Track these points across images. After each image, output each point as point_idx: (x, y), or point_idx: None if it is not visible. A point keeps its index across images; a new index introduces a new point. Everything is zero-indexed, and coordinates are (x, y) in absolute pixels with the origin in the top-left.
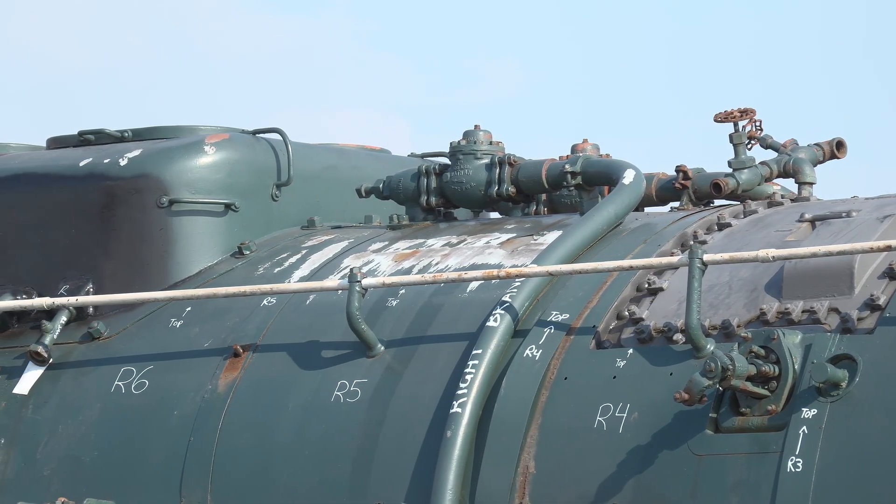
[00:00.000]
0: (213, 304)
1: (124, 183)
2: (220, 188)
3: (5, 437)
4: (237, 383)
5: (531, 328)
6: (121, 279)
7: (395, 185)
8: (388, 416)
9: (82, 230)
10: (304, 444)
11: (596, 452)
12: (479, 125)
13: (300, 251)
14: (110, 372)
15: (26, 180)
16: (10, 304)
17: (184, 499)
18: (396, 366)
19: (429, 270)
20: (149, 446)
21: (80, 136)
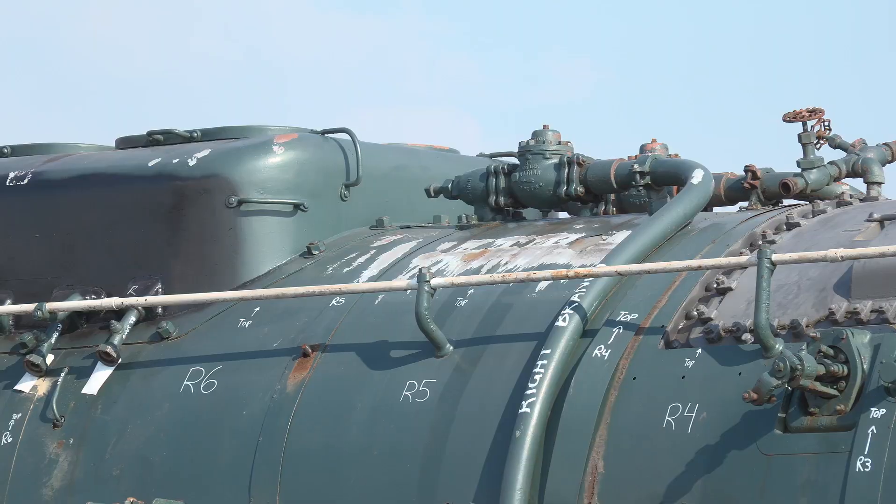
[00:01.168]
0: (282, 304)
1: (193, 183)
2: (288, 188)
3: (74, 437)
4: (306, 383)
5: (600, 328)
6: (189, 279)
7: (463, 185)
8: (456, 416)
9: (151, 230)
10: (373, 444)
11: (664, 452)
12: (547, 125)
13: (369, 251)
14: (179, 372)
15: (95, 180)
16: (80, 305)
17: (253, 499)
18: (465, 366)
19: (497, 270)
20: (218, 446)
21: (149, 136)
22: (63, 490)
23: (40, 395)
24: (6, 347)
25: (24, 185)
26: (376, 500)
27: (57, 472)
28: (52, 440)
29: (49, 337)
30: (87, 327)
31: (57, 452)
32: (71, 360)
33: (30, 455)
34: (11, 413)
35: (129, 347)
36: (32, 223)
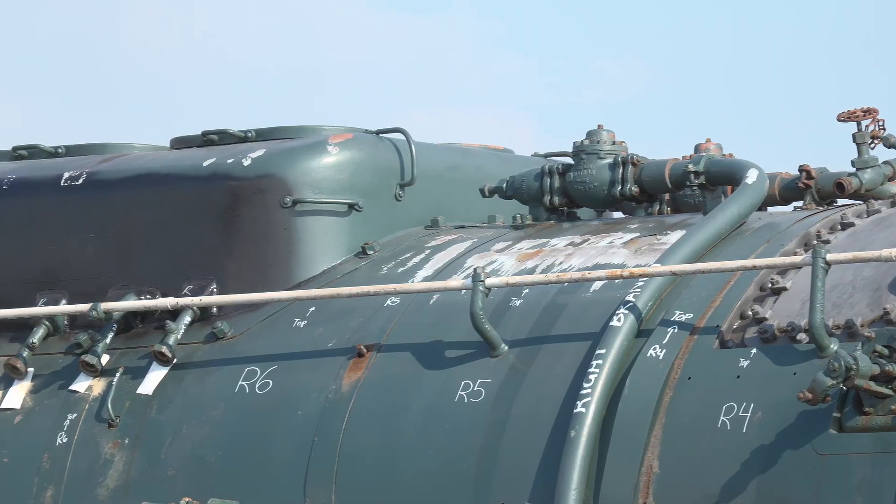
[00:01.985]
0: (336, 304)
1: (248, 183)
2: (343, 188)
3: (130, 437)
4: (361, 383)
5: (655, 328)
6: (244, 279)
7: (518, 185)
8: (511, 415)
9: (206, 230)
10: (428, 443)
11: (719, 452)
12: (602, 125)
13: (424, 251)
14: (234, 372)
15: (150, 180)
16: (135, 305)
17: (308, 498)
18: (520, 365)
19: (552, 270)
20: (273, 446)
21: (203, 136)
22: (118, 490)
23: (95, 396)
24: (61, 347)
25: (78, 185)
26: (431, 500)
27: (112, 472)
28: (107, 440)
29: (104, 337)
30: (142, 327)
31: (112, 452)
32: (126, 361)
33: (85, 455)
34: (67, 413)
35: (184, 347)
36: (87, 223)
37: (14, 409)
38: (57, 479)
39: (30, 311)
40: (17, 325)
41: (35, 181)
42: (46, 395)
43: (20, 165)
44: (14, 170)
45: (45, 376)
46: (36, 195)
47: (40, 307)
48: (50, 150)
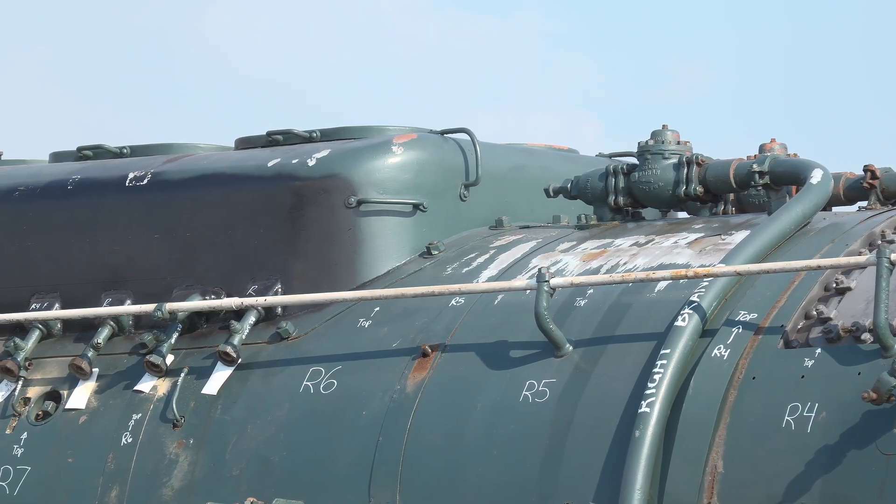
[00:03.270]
0: (401, 304)
1: (313, 183)
2: (408, 188)
3: (194, 437)
4: (426, 383)
5: (719, 328)
6: (309, 279)
7: (583, 185)
8: (576, 415)
9: (271, 230)
10: (493, 443)
11: (784, 452)
12: (666, 125)
13: (488, 251)
14: (299, 372)
15: (215, 180)
16: (200, 305)
17: (373, 499)
18: (585, 365)
19: (617, 270)
20: (338, 446)
21: (268, 136)
22: (183, 490)
23: (160, 396)
24: (126, 348)
25: (143, 185)
26: (496, 500)
27: (177, 472)
28: (171, 440)
29: (169, 337)
30: (206, 327)
31: (177, 453)
32: (191, 361)
33: (150, 455)
34: (131, 413)
35: (249, 347)
36: (152, 223)
37: (79, 409)
38: (121, 480)
39: (95, 311)
40: (83, 325)
41: (100, 181)
42: (111, 395)
43: (85, 166)
44: (79, 170)
45: (110, 376)
46: (101, 196)
47: (105, 307)
48: (115, 150)
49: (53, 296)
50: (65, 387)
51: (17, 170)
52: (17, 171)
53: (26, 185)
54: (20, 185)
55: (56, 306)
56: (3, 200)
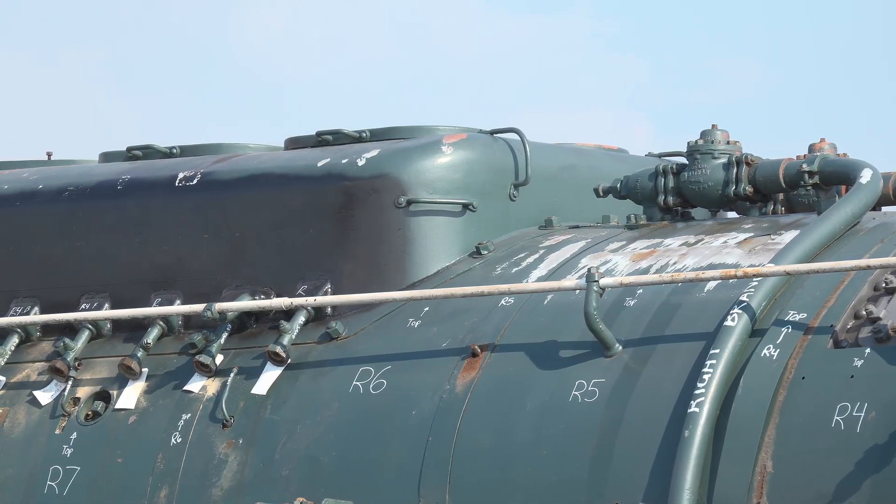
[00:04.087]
0: (451, 304)
1: (362, 183)
2: (457, 188)
3: (244, 437)
4: (475, 383)
5: (768, 328)
6: (359, 279)
7: (632, 185)
8: (625, 415)
9: (320, 230)
10: (542, 443)
11: (833, 452)
12: (716, 125)
13: (538, 251)
14: (348, 372)
15: (264, 181)
16: (249, 305)
17: (422, 499)
18: (634, 365)
19: (666, 270)
20: (387, 446)
21: (318, 136)
22: (232, 490)
23: (209, 396)
24: (176, 348)
25: (193, 185)
26: (545, 499)
27: (226, 472)
28: (221, 440)
29: (218, 337)
30: (256, 327)
31: (226, 452)
32: (240, 361)
33: (199, 455)
34: (181, 413)
35: (299, 347)
36: (201, 223)
37: (128, 409)
38: (171, 480)
39: (144, 311)
40: (132, 325)
41: (150, 181)
42: (161, 395)
43: (135, 166)
44: (129, 170)
45: (160, 376)
46: (151, 196)
47: (155, 307)
48: (164, 150)
49: (103, 296)
50: (114, 387)
51: (67, 170)
52: (67, 171)
53: (76, 185)
54: (70, 185)
55: (106, 306)
56: (53, 200)
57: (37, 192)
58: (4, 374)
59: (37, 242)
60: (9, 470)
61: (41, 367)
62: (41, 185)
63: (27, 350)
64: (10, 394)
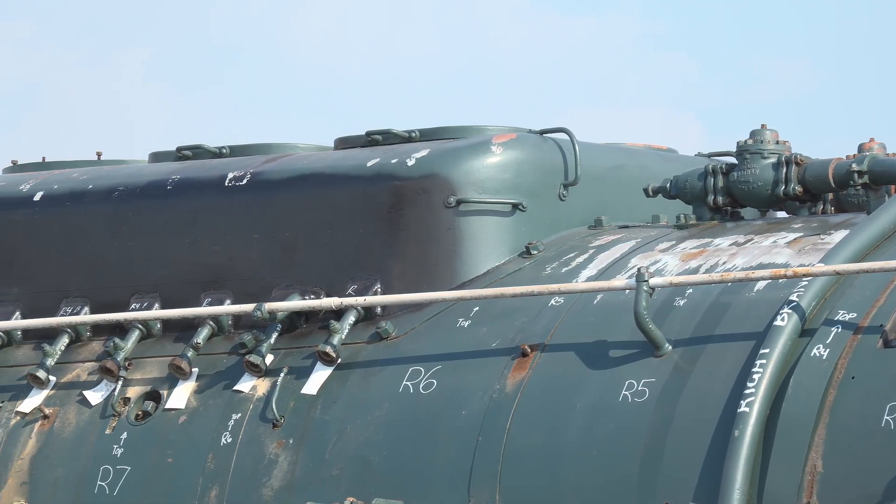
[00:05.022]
0: (500, 303)
1: (412, 183)
2: (507, 188)
3: (294, 437)
4: (525, 383)
5: (818, 327)
6: (408, 279)
7: (681, 185)
8: (675, 415)
9: (370, 230)
10: (592, 443)
11: (883, 452)
12: (765, 124)
13: (587, 251)
14: (398, 372)
15: (314, 180)
16: (299, 305)
17: (472, 499)
18: (684, 365)
19: (716, 270)
20: (437, 446)
21: (367, 136)
22: (283, 490)
23: (260, 396)
24: (226, 347)
25: (242, 185)
26: (595, 499)
27: (277, 472)
28: (271, 440)
29: (268, 337)
30: (306, 327)
31: (277, 452)
32: (290, 361)
33: (249, 455)
34: (231, 413)
35: (349, 347)
36: (251, 223)
37: (179, 409)
38: (221, 479)
39: (194, 311)
40: (182, 325)
41: (199, 181)
42: (211, 395)
43: (185, 166)
44: (178, 170)
45: (210, 376)
46: (200, 196)
47: (205, 307)
48: (214, 150)
49: (153, 296)
50: (164, 387)
51: (117, 170)
52: (117, 172)
53: (126, 186)
54: (120, 185)
55: (156, 306)
56: (103, 200)
57: (87, 193)
58: (55, 374)
59: (87, 242)
60: (59, 470)
61: (91, 367)
62: (91, 185)
63: (77, 350)
64: (61, 394)
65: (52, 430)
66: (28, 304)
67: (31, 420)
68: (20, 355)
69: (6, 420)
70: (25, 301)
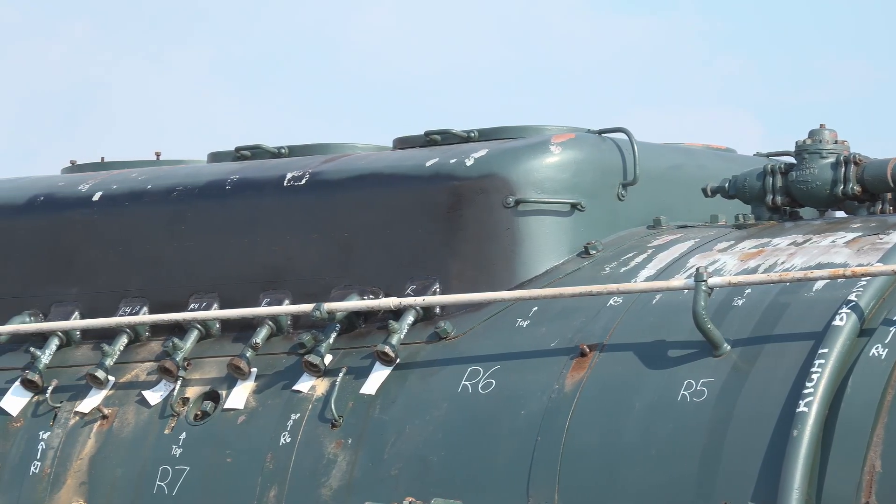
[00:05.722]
0: (559, 303)
1: (470, 183)
2: (566, 188)
3: (353, 437)
4: (584, 383)
5: (877, 327)
6: (467, 279)
7: (740, 185)
8: (734, 415)
9: (428, 230)
10: (651, 443)
11: None
12: (824, 124)
13: (646, 251)
14: (457, 372)
15: (373, 181)
16: (358, 305)
17: (531, 498)
18: (742, 365)
19: (774, 269)
20: (496, 446)
21: (426, 136)
22: (341, 490)
23: (318, 396)
24: (284, 347)
25: (301, 185)
26: (654, 499)
27: (335, 472)
28: (330, 440)
29: (327, 337)
30: (365, 327)
31: (335, 452)
32: (349, 361)
33: (308, 455)
34: (290, 413)
35: (407, 347)
36: (310, 223)
37: (237, 409)
38: (280, 479)
39: (253, 311)
40: (241, 325)
41: (258, 181)
42: (269, 395)
43: (243, 166)
44: (237, 170)
45: (269, 376)
46: (259, 196)
47: (263, 307)
48: (273, 150)
49: (212, 296)
50: (223, 387)
51: (176, 170)
52: (176, 172)
53: (184, 186)
54: (178, 185)
55: (214, 306)
56: (161, 201)
57: (146, 193)
58: (113, 374)
59: (146, 243)
60: (118, 470)
61: (150, 367)
62: (150, 185)
63: (136, 350)
64: (119, 394)
65: (111, 430)
66: (87, 304)
67: (90, 420)
68: (79, 355)
69: (65, 420)
70: (84, 301)
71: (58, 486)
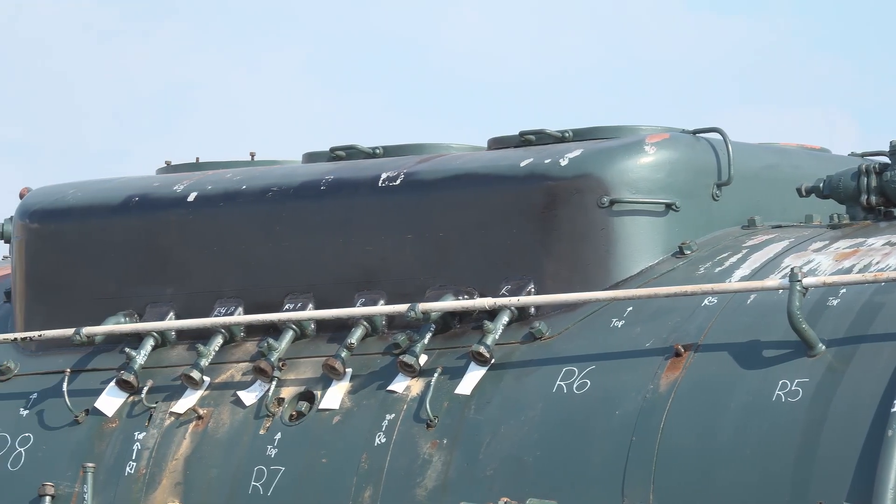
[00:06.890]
0: (654, 303)
1: (565, 183)
2: (660, 188)
3: (448, 437)
4: (678, 383)
5: None
6: (562, 279)
7: (835, 185)
8: (828, 415)
9: (523, 230)
10: (746, 443)
11: None
12: None
13: (741, 251)
14: (552, 372)
15: (468, 181)
16: (453, 305)
17: (626, 498)
18: (837, 365)
19: (869, 269)
20: (591, 446)
21: (521, 136)
22: (436, 490)
23: (413, 396)
24: (379, 348)
25: (396, 185)
26: (749, 499)
27: (430, 472)
28: (425, 440)
29: (422, 337)
30: (459, 327)
31: (430, 453)
32: (444, 361)
33: (403, 455)
34: (385, 413)
35: (502, 347)
36: (405, 223)
37: (333, 409)
38: (375, 479)
39: (348, 311)
40: (336, 325)
41: (353, 182)
42: (364, 395)
43: (338, 166)
44: (332, 170)
45: (364, 377)
46: (354, 196)
47: (359, 307)
48: (367, 150)
49: (307, 296)
50: (318, 387)
51: (271, 170)
52: (271, 172)
53: (279, 186)
54: (273, 185)
55: (309, 307)
56: (256, 201)
57: (240, 193)
58: (209, 374)
59: (241, 243)
60: (213, 470)
61: (245, 367)
62: (245, 185)
63: (231, 350)
64: (215, 394)
65: (206, 430)
66: (182, 304)
67: (185, 420)
68: (174, 356)
69: (161, 420)
70: (179, 301)
71: (153, 487)
